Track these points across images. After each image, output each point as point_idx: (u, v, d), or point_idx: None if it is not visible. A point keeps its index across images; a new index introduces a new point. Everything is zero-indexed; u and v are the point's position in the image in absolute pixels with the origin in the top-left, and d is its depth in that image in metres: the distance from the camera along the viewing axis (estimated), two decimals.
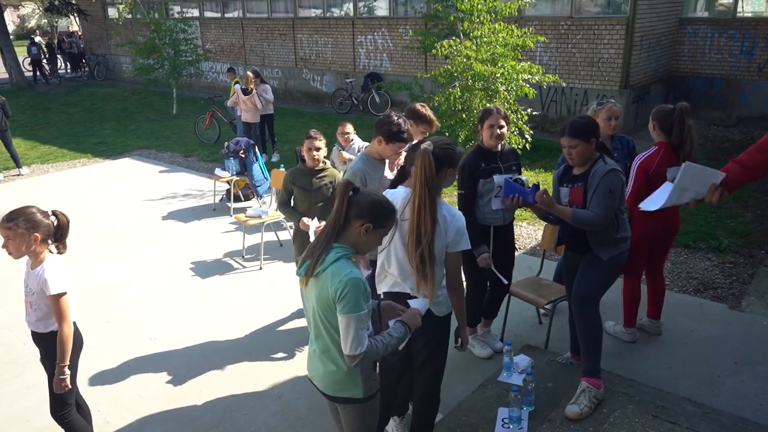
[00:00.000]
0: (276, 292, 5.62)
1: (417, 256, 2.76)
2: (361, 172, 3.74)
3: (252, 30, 17.01)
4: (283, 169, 6.94)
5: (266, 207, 6.64)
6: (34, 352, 4.65)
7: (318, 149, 4.41)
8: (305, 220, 4.35)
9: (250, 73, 9.91)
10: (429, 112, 4.40)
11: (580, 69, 11.17)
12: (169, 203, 8.29)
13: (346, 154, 5.97)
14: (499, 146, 4.09)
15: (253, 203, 7.93)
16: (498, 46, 8.04)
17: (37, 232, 2.90)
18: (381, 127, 3.74)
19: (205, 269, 6.15)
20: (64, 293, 2.98)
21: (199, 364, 4.53)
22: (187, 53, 15.27)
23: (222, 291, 5.69)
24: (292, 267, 6.13)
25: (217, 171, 7.94)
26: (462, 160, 3.79)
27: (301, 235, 4.43)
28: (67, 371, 3.10)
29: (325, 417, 3.86)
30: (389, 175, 3.89)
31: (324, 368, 2.51)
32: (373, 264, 3.38)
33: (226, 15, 17.84)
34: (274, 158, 10.17)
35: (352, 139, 6.07)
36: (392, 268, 2.97)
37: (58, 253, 3.07)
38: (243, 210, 7.31)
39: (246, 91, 9.78)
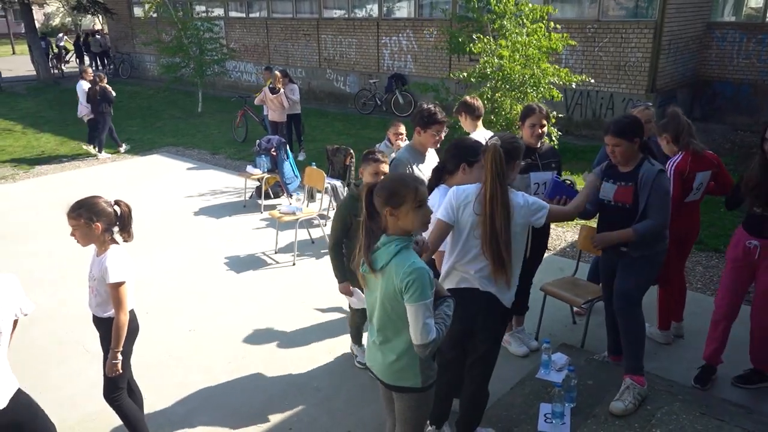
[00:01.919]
0: (310, 287, 5.70)
1: (493, 247, 2.89)
2: (407, 161, 4.04)
3: (276, 30, 17.16)
4: (314, 167, 7.04)
5: (299, 204, 6.72)
6: (79, 340, 4.83)
7: (384, 174, 3.79)
8: (347, 285, 3.94)
9: (278, 73, 10.02)
10: (479, 103, 4.75)
11: (606, 72, 11.16)
12: (200, 199, 8.42)
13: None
14: (539, 144, 4.15)
15: (283, 200, 8.02)
16: (531, 49, 8.08)
17: (99, 221, 3.00)
18: (415, 118, 4.14)
19: (238, 264, 6.25)
20: (123, 282, 3.07)
21: (237, 356, 4.62)
22: (212, 52, 15.45)
23: (256, 286, 5.78)
24: (325, 263, 6.21)
25: (249, 168, 8.05)
26: None
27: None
28: (120, 356, 3.19)
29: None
30: (425, 168, 4.06)
31: (384, 358, 2.58)
32: None
33: (251, 15, 18.01)
34: (301, 157, 10.27)
35: (405, 139, 6.00)
36: (462, 263, 3.05)
37: (124, 241, 3.16)
38: (273, 207, 7.41)
39: (273, 90, 9.89)
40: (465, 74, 8.47)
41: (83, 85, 10.81)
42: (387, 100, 14.31)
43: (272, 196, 8.16)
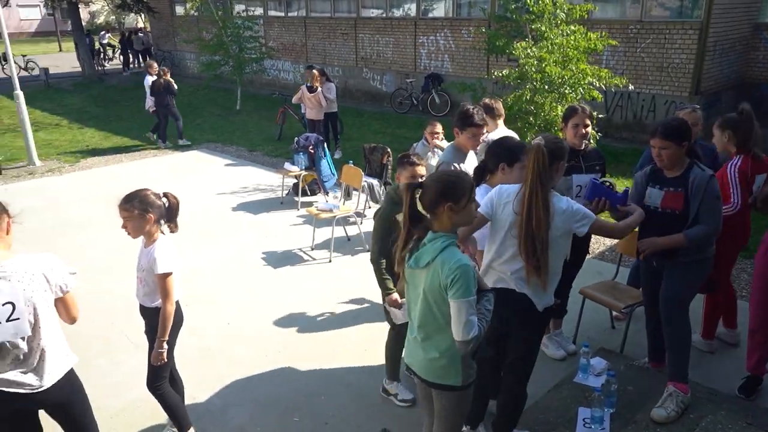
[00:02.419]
0: (346, 284, 5.75)
1: (528, 248, 2.87)
2: (452, 162, 4.04)
3: (314, 29, 17.30)
4: (352, 165, 7.08)
5: (336, 202, 6.78)
6: (122, 329, 4.96)
7: (422, 176, 3.69)
8: (396, 297, 3.67)
9: (315, 71, 10.11)
10: (499, 104, 4.91)
11: (648, 74, 10.94)
12: (238, 195, 8.56)
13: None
14: (583, 145, 4.10)
15: (319, 198, 8.10)
16: (570, 49, 7.98)
17: (150, 213, 3.08)
18: (455, 120, 4.17)
19: (276, 259, 6.33)
20: (170, 273, 3.15)
21: (273, 349, 4.69)
22: (251, 51, 15.67)
23: (293, 281, 5.85)
24: (361, 260, 6.27)
25: (287, 165, 8.15)
26: None
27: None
28: (165, 346, 3.27)
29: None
30: (467, 168, 4.06)
31: (425, 355, 2.59)
32: None
33: (290, 14, 18.20)
34: (337, 155, 10.34)
35: (443, 139, 6.00)
36: (499, 263, 3.05)
37: (170, 232, 3.25)
38: (309, 204, 7.49)
39: (311, 89, 9.98)
40: (503, 73, 8.40)
41: (149, 79, 11.33)
42: (423, 100, 14.29)
43: (309, 194, 8.24)
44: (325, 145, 8.06)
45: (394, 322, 3.83)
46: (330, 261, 6.27)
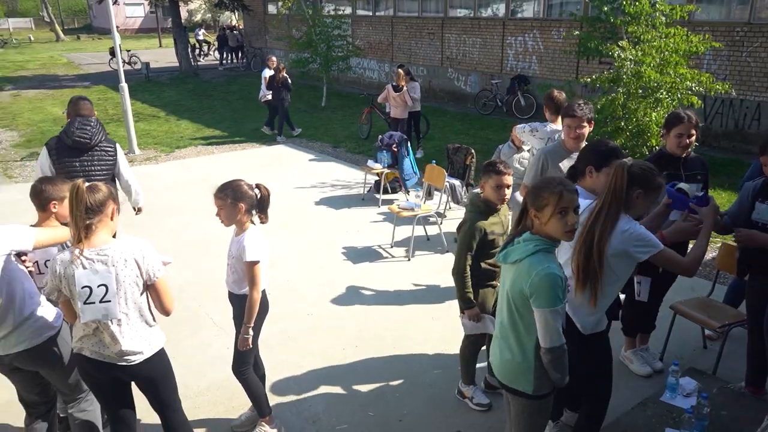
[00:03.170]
0: (424, 283, 5.75)
1: (581, 257, 2.71)
2: (546, 156, 4.05)
3: (401, 28, 17.39)
4: (435, 164, 7.07)
5: (418, 200, 6.79)
6: (209, 313, 5.18)
7: (509, 186, 3.57)
8: (477, 312, 3.64)
9: (401, 71, 10.17)
10: (562, 98, 4.88)
11: (755, 80, 10.24)
12: (320, 190, 8.75)
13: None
14: (684, 153, 3.89)
15: (400, 196, 8.14)
16: (668, 52, 7.61)
17: (242, 202, 3.20)
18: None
19: (355, 255, 6.42)
20: (258, 262, 3.25)
21: (351, 343, 4.75)
22: (339, 49, 15.96)
23: (372, 277, 5.91)
24: (440, 259, 6.25)
25: (369, 162, 8.25)
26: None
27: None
28: (251, 332, 3.39)
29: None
30: (567, 165, 3.97)
31: (501, 355, 2.57)
32: None
33: (377, 13, 18.39)
34: (419, 154, 10.35)
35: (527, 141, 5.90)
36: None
37: (260, 222, 3.36)
38: (390, 202, 7.54)
39: (396, 88, 10.04)
40: (592, 78, 8.13)
41: (266, 72, 12.00)
42: (508, 102, 14.06)
43: (390, 191, 8.30)
44: (409, 143, 8.09)
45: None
46: (409, 259, 6.29)
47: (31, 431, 3.23)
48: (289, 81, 11.89)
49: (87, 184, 2.67)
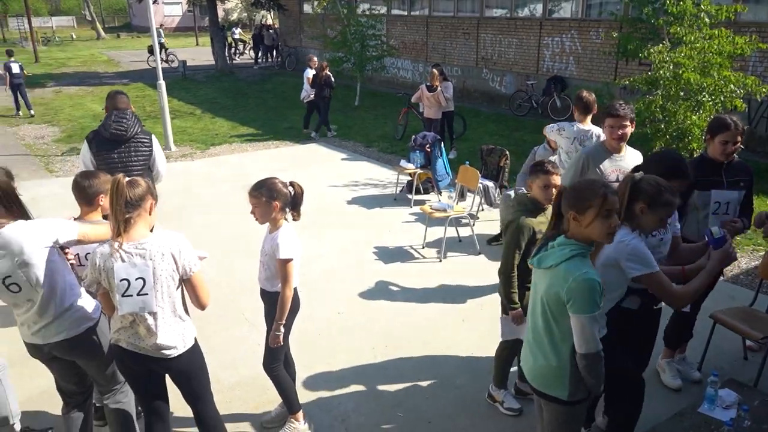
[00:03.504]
0: (455, 284, 5.71)
1: None
2: (587, 157, 4.02)
3: (436, 28, 17.33)
4: (469, 165, 7.01)
5: (450, 201, 6.74)
6: (240, 309, 5.23)
7: (556, 186, 3.48)
8: (521, 312, 3.57)
9: (435, 71, 10.13)
10: (592, 98, 4.87)
11: None
12: (352, 189, 8.76)
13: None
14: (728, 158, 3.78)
15: (432, 197, 8.10)
16: (712, 54, 7.40)
17: (277, 200, 3.21)
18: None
19: (386, 255, 6.41)
20: (291, 259, 3.27)
21: (380, 343, 4.74)
22: (373, 49, 15.98)
23: (403, 277, 5.89)
24: (471, 261, 6.21)
25: (402, 163, 8.23)
26: None
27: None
28: (282, 329, 3.40)
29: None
30: (608, 167, 3.98)
31: (534, 360, 2.52)
32: None
33: (412, 13, 18.36)
34: (452, 155, 10.29)
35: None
36: None
37: (293, 220, 3.37)
38: (422, 202, 7.51)
39: (430, 88, 10.00)
40: (630, 80, 7.97)
41: (309, 72, 12.09)
42: (543, 103, 13.87)
43: (422, 192, 8.27)
44: (442, 144, 8.04)
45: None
46: (440, 261, 6.25)
47: (68, 420, 3.30)
48: (332, 79, 11.99)
49: (127, 178, 2.71)
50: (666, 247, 3.22)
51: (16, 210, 2.88)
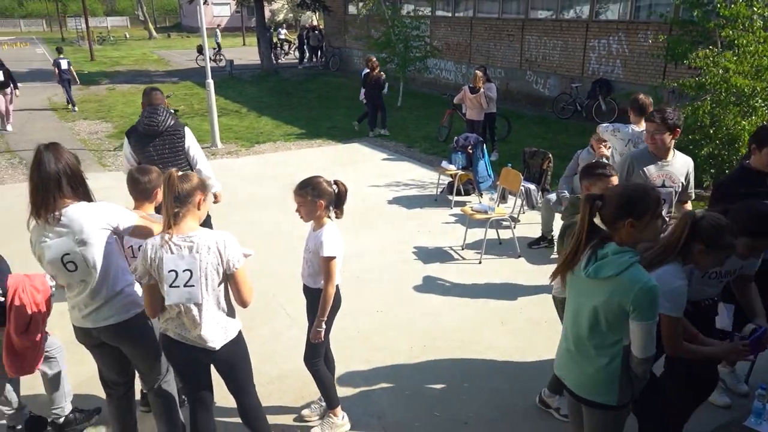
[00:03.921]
0: (494, 287, 5.70)
1: None
2: (632, 160, 3.99)
3: (480, 29, 17.24)
4: (511, 168, 6.98)
5: (491, 204, 6.73)
6: (281, 304, 5.34)
7: None
8: None
9: (478, 72, 10.10)
10: (648, 101, 4.90)
11: None
12: (393, 189, 8.82)
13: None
14: None
15: (473, 198, 8.09)
16: (766, 57, 7.18)
17: (322, 199, 3.28)
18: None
19: (426, 255, 6.44)
20: (334, 257, 3.33)
21: (419, 343, 4.77)
22: (416, 50, 16.01)
23: (442, 278, 5.91)
24: (511, 264, 6.18)
25: (444, 164, 8.25)
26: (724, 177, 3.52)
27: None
28: (324, 325, 3.47)
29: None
30: (654, 172, 3.94)
31: (580, 370, 2.50)
32: None
33: (457, 14, 18.31)
34: (493, 157, 10.25)
35: (610, 147, 5.75)
36: None
37: (336, 218, 3.44)
38: (462, 204, 7.51)
39: (473, 90, 9.98)
40: (677, 84, 7.79)
41: (365, 72, 12.30)
42: (588, 106, 13.65)
43: (463, 193, 8.26)
44: (484, 146, 8.02)
45: None
46: (480, 262, 6.25)
47: (111, 409, 3.42)
48: (382, 79, 12.13)
49: (180, 173, 2.81)
50: (717, 288, 3.14)
51: (82, 192, 3.00)
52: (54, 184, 2.88)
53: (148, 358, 3.26)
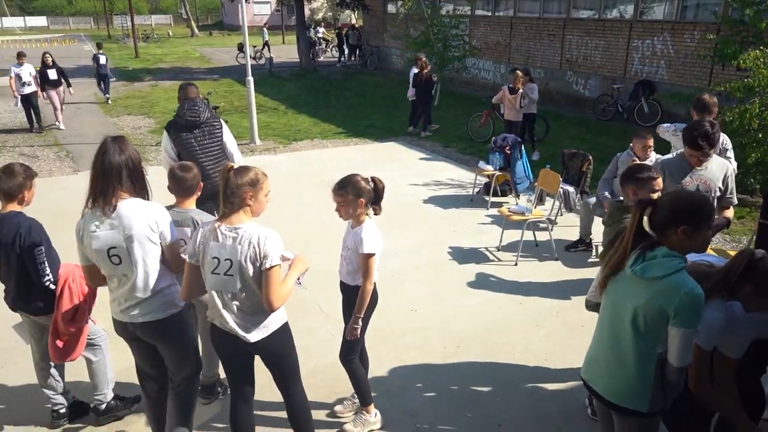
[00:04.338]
0: (530, 289, 5.65)
1: None
2: (668, 167, 3.93)
3: (520, 29, 17.06)
4: (549, 169, 6.89)
5: (529, 205, 6.66)
6: (316, 300, 5.39)
7: (660, 191, 3.37)
8: None
9: (519, 72, 10.00)
10: (713, 101, 4.90)
11: None
12: (430, 188, 8.81)
13: None
14: None
15: (510, 199, 8.02)
16: None
17: (362, 197, 3.31)
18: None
19: (461, 255, 6.42)
20: (373, 254, 3.35)
21: (452, 343, 4.77)
22: (455, 49, 15.93)
23: (477, 279, 5.88)
24: (548, 267, 6.11)
25: (481, 164, 8.19)
26: None
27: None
28: (360, 322, 3.49)
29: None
30: (688, 179, 3.90)
31: (611, 375, 2.47)
32: None
33: (497, 13, 18.15)
34: (535, 156, 10.15)
35: (654, 153, 5.63)
36: None
37: (374, 214, 3.46)
38: (499, 205, 7.45)
39: (512, 90, 9.89)
40: (725, 87, 7.57)
41: (413, 71, 12.40)
42: (630, 108, 13.37)
43: (500, 194, 8.19)
44: (522, 147, 7.94)
45: None
46: (516, 264, 6.19)
47: (146, 401, 3.51)
48: (432, 80, 12.17)
49: (236, 167, 2.87)
50: None
51: (140, 188, 3.10)
52: (115, 174, 2.97)
53: (178, 358, 3.29)
